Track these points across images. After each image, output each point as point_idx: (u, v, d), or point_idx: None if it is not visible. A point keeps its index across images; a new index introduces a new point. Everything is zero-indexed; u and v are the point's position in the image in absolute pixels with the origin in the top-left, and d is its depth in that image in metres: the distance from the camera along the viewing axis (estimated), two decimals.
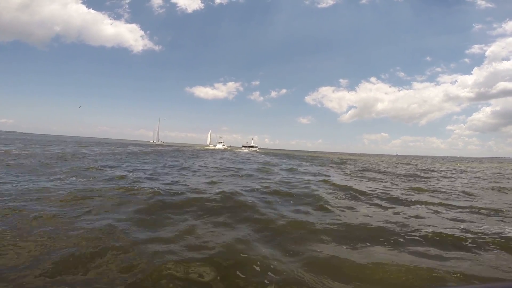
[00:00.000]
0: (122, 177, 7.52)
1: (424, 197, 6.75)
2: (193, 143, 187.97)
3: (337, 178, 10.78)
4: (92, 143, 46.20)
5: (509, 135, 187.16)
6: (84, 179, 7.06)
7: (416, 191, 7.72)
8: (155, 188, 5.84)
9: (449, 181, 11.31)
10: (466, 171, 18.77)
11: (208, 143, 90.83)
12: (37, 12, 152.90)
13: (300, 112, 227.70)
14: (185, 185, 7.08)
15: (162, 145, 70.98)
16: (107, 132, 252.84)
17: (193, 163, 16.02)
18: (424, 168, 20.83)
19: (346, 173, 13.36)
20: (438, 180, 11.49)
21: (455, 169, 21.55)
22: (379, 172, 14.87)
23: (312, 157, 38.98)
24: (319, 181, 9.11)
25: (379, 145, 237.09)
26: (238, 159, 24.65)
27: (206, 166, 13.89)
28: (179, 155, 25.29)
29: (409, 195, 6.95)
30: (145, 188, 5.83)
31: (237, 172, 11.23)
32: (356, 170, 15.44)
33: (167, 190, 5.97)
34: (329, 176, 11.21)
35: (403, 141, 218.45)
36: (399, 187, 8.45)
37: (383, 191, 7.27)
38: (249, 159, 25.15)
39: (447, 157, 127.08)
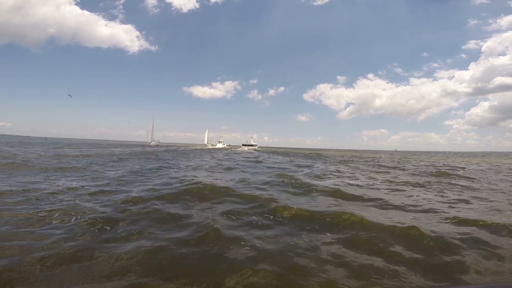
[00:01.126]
0: None
1: None
2: (192, 142, 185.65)
3: None
4: (80, 144, 43.80)
5: (507, 129, 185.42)
6: None
7: None
8: None
9: None
10: None
11: (206, 142, 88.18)
12: (30, 14, 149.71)
13: (299, 109, 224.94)
14: None
15: (157, 145, 68.42)
16: (106, 134, 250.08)
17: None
18: None
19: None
20: None
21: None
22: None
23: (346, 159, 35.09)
24: None
25: (378, 141, 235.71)
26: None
27: None
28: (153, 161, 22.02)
29: None
30: None
31: None
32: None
33: None
34: None
35: (402, 137, 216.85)
36: None
37: None
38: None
39: (449, 152, 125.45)
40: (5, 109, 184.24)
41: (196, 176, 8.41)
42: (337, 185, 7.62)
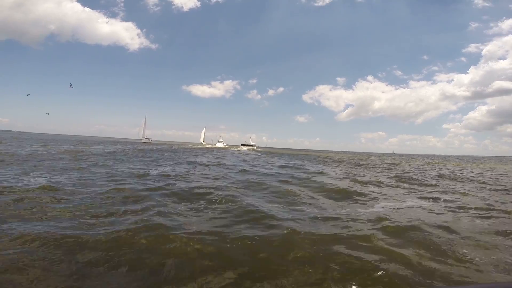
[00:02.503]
0: None
1: None
2: (190, 141, 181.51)
3: None
4: (66, 141, 42.73)
5: (505, 134, 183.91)
6: None
7: None
8: None
9: None
10: None
11: (202, 141, 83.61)
12: (31, 11, 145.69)
13: (298, 110, 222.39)
14: None
15: (147, 143, 64.18)
16: (104, 131, 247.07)
17: None
18: None
19: None
20: None
21: None
22: None
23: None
24: None
25: (376, 143, 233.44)
26: None
27: None
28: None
29: None
30: None
31: None
32: None
33: None
34: None
35: (400, 139, 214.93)
36: None
37: None
38: None
39: (451, 156, 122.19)
40: (3, 105, 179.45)
41: None
42: None
